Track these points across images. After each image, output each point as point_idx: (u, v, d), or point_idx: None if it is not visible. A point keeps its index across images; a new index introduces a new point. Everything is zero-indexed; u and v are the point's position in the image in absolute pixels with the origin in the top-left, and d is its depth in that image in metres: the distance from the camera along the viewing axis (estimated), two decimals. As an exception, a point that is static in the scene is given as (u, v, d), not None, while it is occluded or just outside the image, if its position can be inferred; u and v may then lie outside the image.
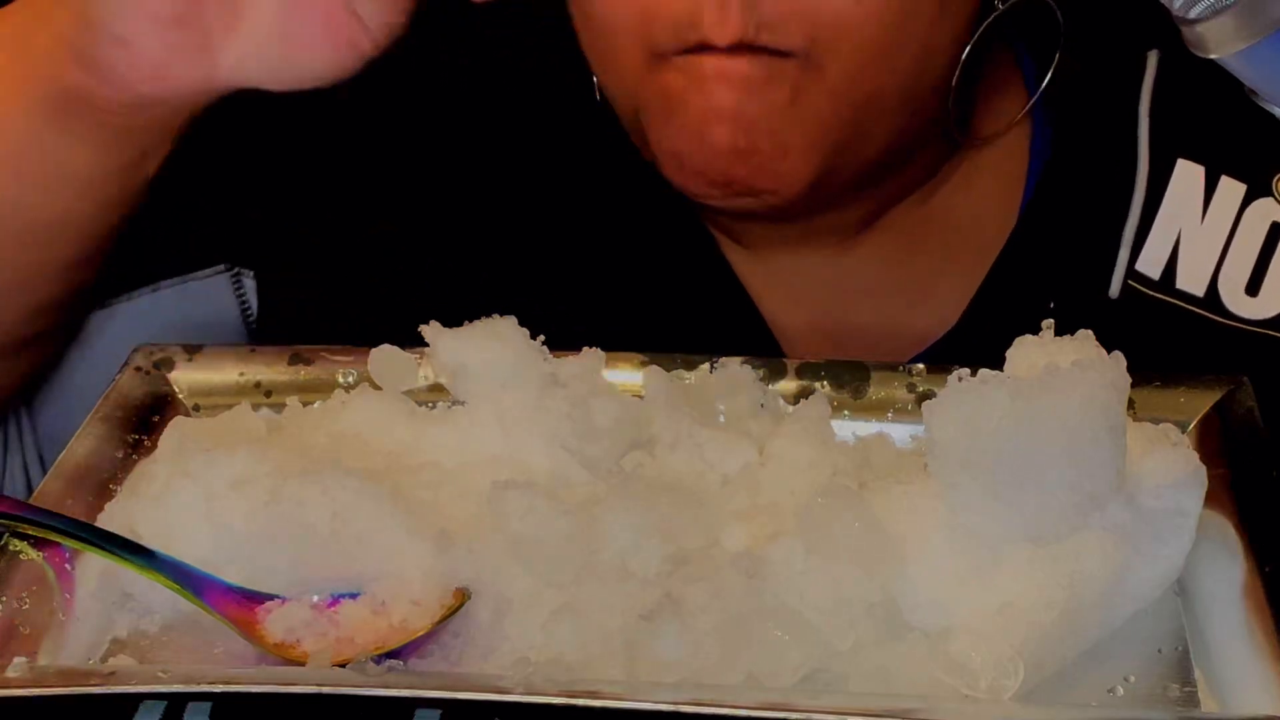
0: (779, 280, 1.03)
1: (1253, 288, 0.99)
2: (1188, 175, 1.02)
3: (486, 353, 0.82)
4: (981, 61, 0.98)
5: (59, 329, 1.02)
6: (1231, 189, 1.01)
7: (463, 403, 0.83)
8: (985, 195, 1.05)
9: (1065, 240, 1.02)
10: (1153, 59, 1.03)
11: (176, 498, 0.74)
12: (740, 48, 0.88)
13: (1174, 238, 1.01)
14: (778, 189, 0.92)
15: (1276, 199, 1.02)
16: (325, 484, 0.73)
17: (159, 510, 0.74)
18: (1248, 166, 1.02)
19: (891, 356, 0.93)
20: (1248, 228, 1.00)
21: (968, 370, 0.73)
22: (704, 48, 0.89)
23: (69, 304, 1.00)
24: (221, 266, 1.04)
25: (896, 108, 0.93)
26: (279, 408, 0.85)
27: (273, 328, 1.04)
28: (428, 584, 0.71)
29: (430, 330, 0.83)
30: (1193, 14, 0.74)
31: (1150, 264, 1.01)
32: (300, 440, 0.81)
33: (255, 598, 0.72)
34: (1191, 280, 1.00)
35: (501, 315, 0.85)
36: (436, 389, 0.85)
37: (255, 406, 0.85)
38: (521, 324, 0.84)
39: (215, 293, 1.04)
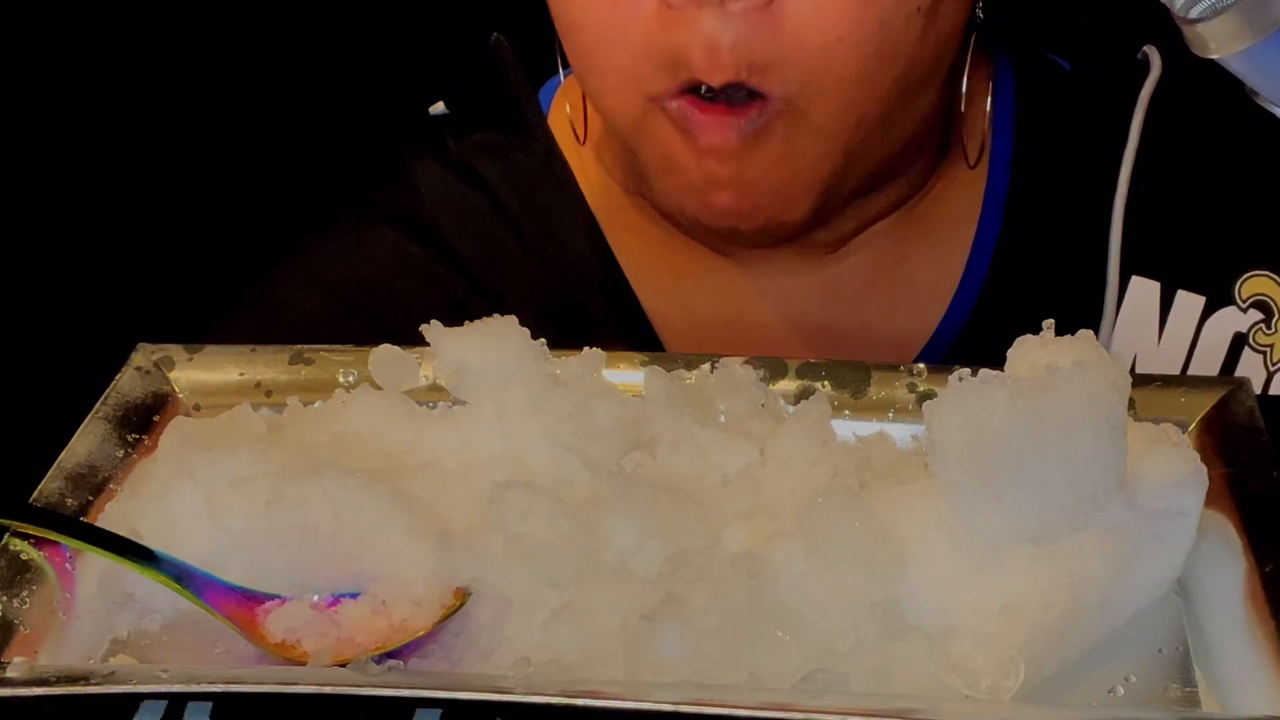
0: (767, 289, 1.04)
1: None
2: (1142, 293, 0.97)
3: (487, 353, 0.82)
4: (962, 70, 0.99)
5: None
6: (1190, 303, 0.96)
7: (463, 403, 0.83)
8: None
9: None
10: (1128, 160, 0.96)
11: (177, 497, 0.74)
12: (731, 88, 0.88)
13: (1129, 363, 0.96)
14: (781, 225, 0.94)
15: (1239, 306, 0.97)
16: (326, 484, 0.72)
17: (159, 510, 0.74)
18: (1207, 277, 0.96)
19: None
20: (1208, 343, 0.95)
21: (968, 370, 0.73)
22: (694, 89, 0.89)
23: None
24: None
25: (881, 128, 0.93)
26: (279, 407, 0.85)
27: None
28: (428, 584, 0.71)
29: (431, 330, 0.83)
30: (1193, 14, 0.74)
31: None
32: (301, 440, 0.81)
33: (256, 597, 0.72)
34: None
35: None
36: (437, 389, 0.85)
37: (256, 406, 0.84)
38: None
39: None
